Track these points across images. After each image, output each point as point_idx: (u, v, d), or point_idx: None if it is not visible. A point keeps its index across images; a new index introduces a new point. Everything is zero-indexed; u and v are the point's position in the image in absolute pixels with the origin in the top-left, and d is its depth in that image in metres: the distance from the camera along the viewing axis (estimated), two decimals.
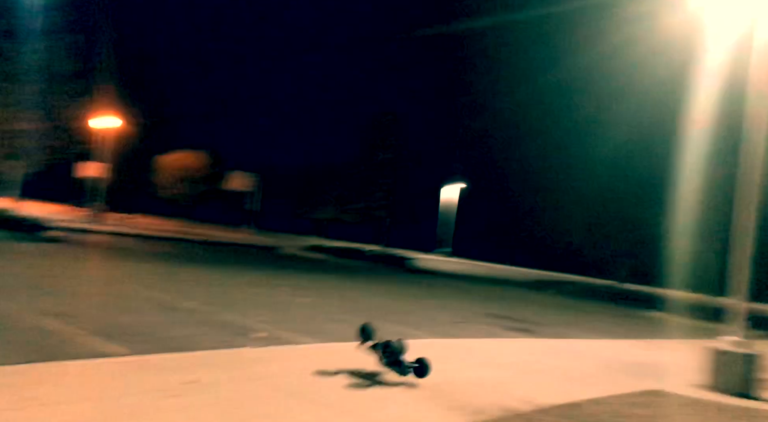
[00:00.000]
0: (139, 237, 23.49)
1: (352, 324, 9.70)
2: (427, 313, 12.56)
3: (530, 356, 8.52)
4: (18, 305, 7.48)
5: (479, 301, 17.31)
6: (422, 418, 4.80)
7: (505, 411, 5.29)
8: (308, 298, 12.08)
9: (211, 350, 6.39)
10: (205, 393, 4.68)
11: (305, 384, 5.35)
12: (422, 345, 8.38)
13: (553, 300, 22.33)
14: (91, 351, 5.77)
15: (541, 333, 11.95)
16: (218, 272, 15.57)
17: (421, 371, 5.84)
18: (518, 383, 6.57)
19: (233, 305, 9.96)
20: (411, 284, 19.88)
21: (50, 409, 3.89)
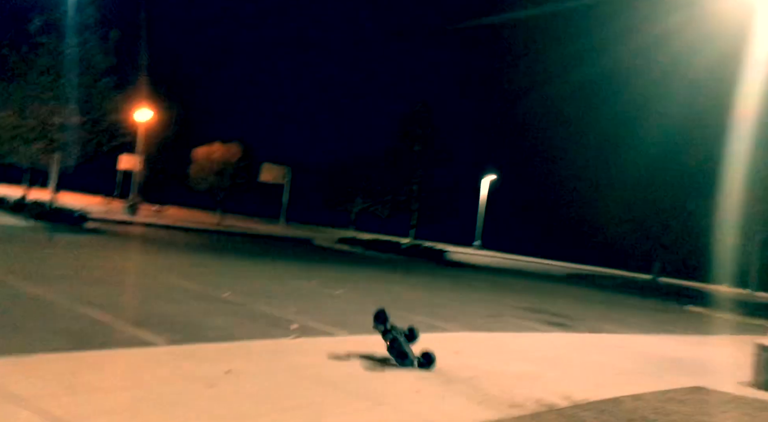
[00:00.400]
0: (174, 229, 23.90)
1: None
2: (460, 306, 12.49)
3: (566, 350, 8.39)
4: (61, 295, 7.66)
5: (513, 294, 17.15)
6: (458, 412, 4.76)
7: (542, 406, 5.21)
8: (340, 290, 12.12)
9: (247, 340, 6.45)
10: (244, 383, 4.72)
11: (340, 375, 5.35)
12: (455, 338, 8.33)
13: (589, 294, 22.00)
14: (131, 340, 5.88)
15: (576, 327, 11.77)
16: (251, 263, 15.74)
17: (427, 364, 6.06)
18: (554, 377, 6.47)
19: (267, 296, 10.05)
20: (443, 277, 19.80)
21: (96, 396, 3.97)
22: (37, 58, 17.87)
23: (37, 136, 18.40)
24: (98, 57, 18.20)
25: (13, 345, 5.16)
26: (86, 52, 18.03)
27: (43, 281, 8.45)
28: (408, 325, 6.46)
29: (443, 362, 6.43)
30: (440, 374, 5.89)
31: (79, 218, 17.52)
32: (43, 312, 6.65)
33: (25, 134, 18.48)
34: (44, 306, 6.95)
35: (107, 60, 18.37)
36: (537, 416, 4.86)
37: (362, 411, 4.44)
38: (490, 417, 4.68)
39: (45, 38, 17.80)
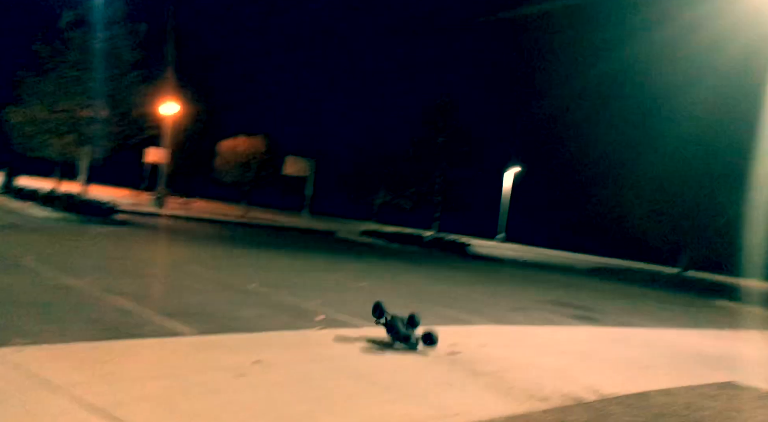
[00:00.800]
0: (200, 221, 24.20)
1: (409, 308, 9.72)
2: (485, 299, 12.44)
3: (593, 344, 8.31)
4: (92, 285, 7.82)
5: (538, 287, 17.02)
6: (485, 404, 4.75)
7: (570, 400, 5.17)
8: (365, 282, 12.16)
9: (274, 331, 6.51)
10: (272, 373, 4.77)
11: (366, 366, 5.38)
12: (480, 331, 8.31)
13: (615, 287, 21.74)
14: (161, 330, 5.97)
15: (603, 320, 11.65)
16: (277, 255, 15.87)
17: (431, 342, 6.36)
18: (582, 371, 6.41)
19: (293, 287, 10.13)
20: (466, 270, 19.74)
21: (129, 384, 4.05)
22: (68, 52, 18.19)
23: (67, 129, 18.75)
24: (126, 51, 18.47)
25: (47, 333, 5.28)
26: (114, 47, 18.32)
27: (74, 271, 8.63)
28: (409, 312, 6.68)
29: (469, 354, 6.43)
30: (466, 366, 5.88)
31: (109, 210, 17.83)
32: (75, 302, 6.79)
33: (55, 128, 18.85)
34: (76, 296, 7.10)
35: (135, 54, 18.63)
36: (565, 409, 4.83)
37: (390, 402, 4.45)
38: (517, 410, 4.66)
39: (74, 33, 18.10)
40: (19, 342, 4.77)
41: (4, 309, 5.99)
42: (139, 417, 3.52)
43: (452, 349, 6.52)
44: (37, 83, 18.60)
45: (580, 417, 4.67)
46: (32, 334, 5.20)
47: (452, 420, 4.23)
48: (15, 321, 5.59)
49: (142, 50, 18.56)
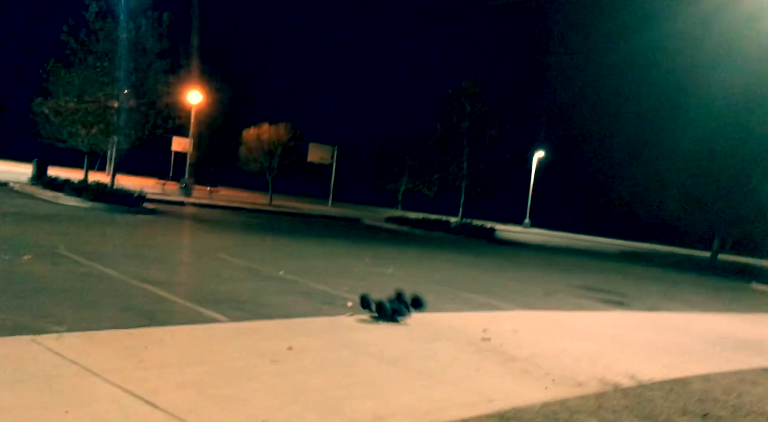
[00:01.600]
0: (226, 209, 24.41)
1: (437, 294, 9.69)
2: (514, 284, 12.34)
3: (626, 329, 8.18)
4: (125, 273, 7.92)
5: (567, 273, 16.83)
6: (519, 390, 4.69)
7: (607, 385, 5.08)
8: (391, 268, 12.13)
9: (305, 317, 6.52)
10: (306, 359, 4.78)
11: (399, 352, 5.35)
12: (512, 316, 8.23)
13: (645, 271, 21.41)
14: (194, 317, 6.02)
15: (634, 305, 11.47)
16: (303, 242, 15.93)
17: (418, 306, 6.94)
18: (617, 356, 6.31)
19: (320, 274, 10.14)
20: (493, 256, 19.60)
21: (166, 370, 4.08)
22: (95, 43, 18.36)
23: (95, 120, 18.98)
24: (152, 41, 18.56)
25: (84, 321, 5.36)
26: (140, 36, 18.42)
27: (106, 259, 8.75)
28: (412, 294, 7.08)
29: (501, 340, 6.37)
30: (499, 352, 5.83)
31: (137, 199, 18.05)
32: (110, 290, 6.89)
33: (84, 118, 19.09)
34: (110, 284, 7.19)
35: (161, 43, 18.72)
36: (602, 396, 4.75)
37: (425, 388, 4.42)
38: (553, 396, 4.60)
39: (101, 24, 18.25)
40: (57, 330, 4.84)
41: (42, 298, 6.09)
42: (178, 404, 3.54)
43: (484, 335, 6.47)
44: (64, 75, 18.84)
45: (618, 403, 4.59)
46: (69, 322, 5.28)
47: (488, 406, 4.18)
48: (52, 309, 5.68)
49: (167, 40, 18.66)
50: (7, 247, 8.75)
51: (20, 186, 20.15)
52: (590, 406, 4.43)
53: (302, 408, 3.75)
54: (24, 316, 5.30)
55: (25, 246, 9.01)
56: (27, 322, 5.12)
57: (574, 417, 4.12)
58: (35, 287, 6.50)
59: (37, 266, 7.62)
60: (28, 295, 6.13)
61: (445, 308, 8.33)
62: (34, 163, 20.89)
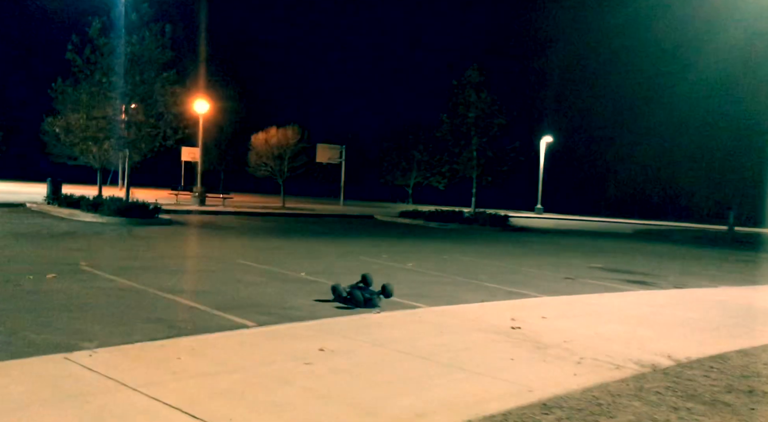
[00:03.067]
0: (240, 215, 24.47)
1: (460, 285, 9.64)
2: (534, 271, 12.25)
3: (654, 308, 8.08)
4: (149, 284, 7.94)
5: (584, 255, 16.71)
6: (557, 377, 4.63)
7: (644, 367, 5.01)
8: (411, 263, 12.09)
9: (331, 317, 6.49)
10: (338, 360, 4.74)
11: (430, 346, 5.31)
12: (538, 303, 8.16)
13: (663, 249, 21.20)
14: (222, 324, 6.02)
15: (658, 284, 11.35)
16: (319, 242, 15.92)
17: (387, 295, 7.67)
18: (649, 336, 6.23)
19: (340, 274, 10.11)
20: (510, 243, 19.50)
21: (202, 380, 4.06)
22: (100, 59, 18.42)
23: (105, 135, 19.07)
24: (156, 52, 18.59)
25: (114, 336, 5.36)
26: (144, 49, 18.46)
27: (129, 272, 8.78)
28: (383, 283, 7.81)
29: (530, 328, 6.31)
30: (531, 340, 5.76)
31: (153, 210, 18.13)
32: (135, 302, 6.90)
33: (93, 135, 19.18)
34: (135, 297, 7.21)
35: (165, 54, 18.74)
36: (641, 377, 4.68)
37: (461, 382, 4.38)
38: (592, 381, 4.53)
39: (105, 40, 18.31)
40: (88, 346, 4.85)
41: (69, 315, 6.11)
42: (218, 413, 3.52)
43: (513, 324, 6.41)
44: (72, 92, 18.94)
45: (659, 384, 4.51)
46: (100, 337, 5.29)
47: (529, 395, 4.12)
48: (81, 326, 5.69)
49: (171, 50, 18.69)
50: (30, 266, 8.80)
51: (37, 206, 20.31)
52: (631, 389, 4.36)
53: (341, 410, 3.71)
54: (54, 334, 5.32)
55: (47, 264, 9.06)
56: (57, 340, 5.13)
57: (617, 401, 4.05)
58: (62, 305, 6.53)
59: (62, 284, 7.66)
60: (55, 313, 6.15)
61: (469, 299, 8.28)
62: (48, 182, 21.04)
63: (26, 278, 7.81)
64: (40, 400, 3.58)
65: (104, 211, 17.48)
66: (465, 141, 28.53)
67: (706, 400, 4.21)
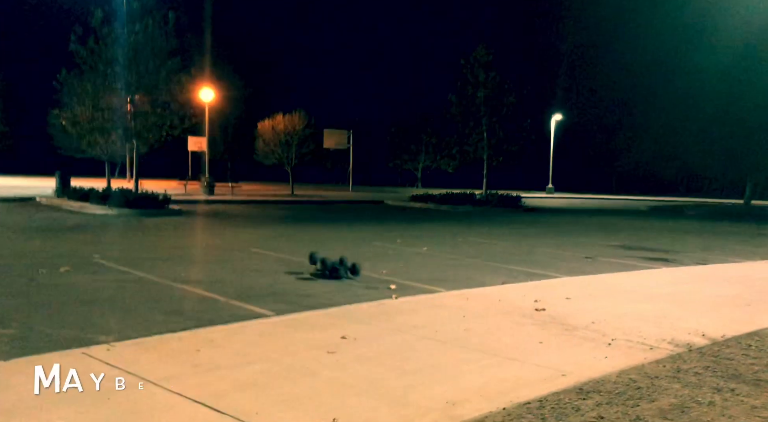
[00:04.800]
0: (249, 203, 24.37)
1: (477, 268, 9.47)
2: (552, 251, 12.05)
3: (680, 286, 7.88)
4: (162, 276, 7.82)
5: (602, 234, 16.47)
6: (590, 360, 4.46)
7: (679, 347, 4.83)
8: (425, 247, 11.92)
9: (350, 304, 6.34)
10: (361, 348, 4.60)
11: (455, 332, 5.15)
12: (560, 283, 7.98)
13: (679, 225, 20.91)
14: (239, 314, 5.89)
15: (680, 260, 11.13)
16: (331, 229, 15.79)
17: (355, 273, 8.16)
18: (679, 315, 6.04)
19: (356, 259, 9.93)
20: (524, 224, 19.28)
21: (223, 372, 3.93)
22: (104, 49, 18.24)
23: (111, 126, 18.95)
24: (160, 40, 18.37)
25: (131, 329, 5.25)
26: (148, 37, 18.24)
27: (142, 264, 8.67)
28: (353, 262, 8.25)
29: (556, 309, 6.13)
30: (558, 322, 5.59)
31: (163, 201, 18.05)
32: (150, 294, 6.79)
33: (100, 126, 19.07)
34: (150, 288, 7.10)
35: (170, 42, 18.53)
36: (677, 358, 4.50)
37: (491, 367, 4.22)
38: (626, 363, 4.36)
39: (108, 29, 18.10)
40: (106, 340, 4.73)
41: (85, 308, 6.00)
42: (243, 407, 3.38)
43: (537, 306, 6.24)
44: (77, 84, 18.79)
45: (697, 364, 4.33)
46: (117, 330, 5.17)
47: (563, 380, 3.96)
48: (97, 319, 5.58)
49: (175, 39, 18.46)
50: (43, 260, 8.72)
51: (47, 199, 20.28)
52: (668, 370, 4.19)
53: (369, 400, 3.57)
54: (71, 328, 5.21)
55: (60, 258, 8.97)
56: (74, 335, 5.02)
57: (656, 384, 3.88)
58: (77, 299, 6.42)
59: (76, 277, 7.56)
60: (71, 306, 6.04)
61: (489, 281, 8.12)
62: (57, 175, 20.99)
63: (40, 273, 7.72)
64: (60, 397, 3.46)
65: (114, 203, 17.41)
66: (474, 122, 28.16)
67: (748, 380, 4.03)
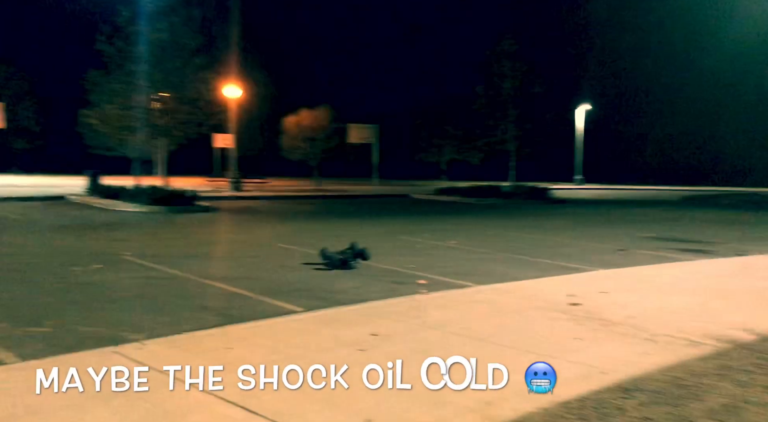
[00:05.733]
0: (276, 199, 24.47)
1: (507, 262, 9.31)
2: (583, 243, 11.81)
3: (720, 278, 7.62)
4: (192, 272, 7.84)
5: (633, 225, 16.11)
6: (631, 357, 4.31)
7: (724, 342, 4.64)
8: (453, 241, 11.78)
9: (380, 300, 6.26)
10: (393, 345, 4.51)
11: (488, 328, 5.03)
12: (594, 277, 7.78)
13: (712, 215, 20.37)
14: (268, 310, 5.85)
15: (717, 251, 10.80)
16: (358, 223, 15.73)
17: (364, 257, 8.39)
18: (722, 308, 5.82)
19: (383, 254, 9.88)
20: (552, 216, 18.99)
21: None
22: (131, 48, 18.45)
23: (140, 125, 19.18)
24: (186, 38, 18.52)
25: (162, 326, 5.24)
26: (174, 35, 18.39)
27: (172, 260, 8.71)
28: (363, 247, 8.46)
29: (591, 304, 5.96)
30: (594, 317, 5.43)
31: (191, 198, 18.21)
32: (181, 291, 6.80)
33: (129, 125, 19.32)
34: (179, 285, 7.11)
35: (195, 39, 18.66)
36: (724, 354, 4.32)
37: (527, 366, 4.08)
38: (669, 360, 4.20)
39: (134, 28, 18.30)
40: (137, 338, 4.72)
41: (116, 306, 6.03)
42: (276, 407, 3.32)
43: (572, 300, 6.07)
44: (105, 83, 19.05)
45: (745, 361, 4.15)
46: (147, 328, 5.17)
47: (603, 378, 3.82)
48: (129, 316, 5.60)
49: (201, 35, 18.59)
50: (75, 258, 8.82)
51: (78, 198, 20.62)
52: (715, 367, 4.02)
53: (406, 400, 3.48)
54: (102, 326, 5.23)
55: (92, 255, 9.06)
56: (106, 333, 5.03)
57: (703, 383, 3.72)
58: (108, 296, 6.46)
59: (107, 275, 7.62)
60: (103, 304, 6.08)
61: (520, 275, 7.95)
62: (88, 174, 21.32)
63: (72, 271, 7.80)
64: (92, 397, 3.44)
65: (143, 200, 17.62)
66: (501, 113, 27.86)
67: None
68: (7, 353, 4.48)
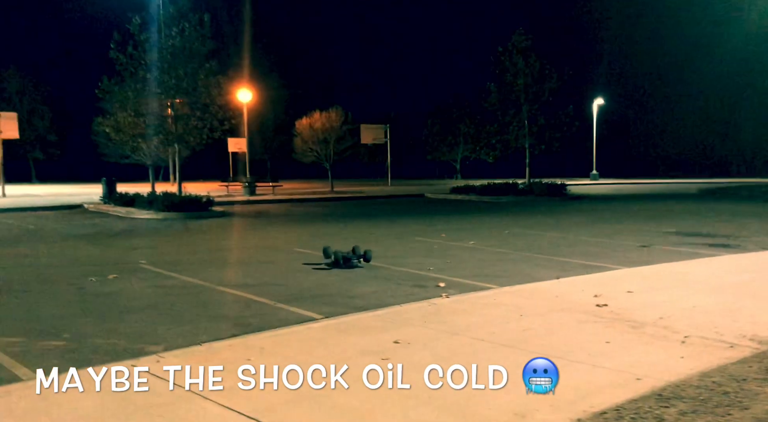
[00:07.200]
0: (290, 202, 24.42)
1: (527, 261, 9.12)
2: (604, 240, 11.58)
3: (749, 274, 7.39)
4: (208, 280, 7.76)
5: (654, 219, 15.82)
6: (665, 361, 4.13)
7: (764, 343, 4.44)
8: (471, 241, 11.61)
9: (400, 305, 6.12)
10: (417, 352, 4.37)
11: (514, 333, 4.88)
12: (619, 276, 7.58)
13: (734, 208, 19.95)
14: (287, 318, 5.74)
15: (743, 246, 10.52)
16: (373, 224, 15.59)
17: (367, 260, 8.61)
18: (757, 307, 5.61)
19: (399, 256, 9.75)
20: (571, 213, 18.71)
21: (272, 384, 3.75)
22: (142, 55, 18.47)
23: (153, 131, 19.19)
24: (197, 43, 18.50)
25: (179, 337, 5.15)
26: (185, 41, 18.38)
27: (189, 268, 8.64)
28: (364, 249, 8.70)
29: (618, 304, 5.78)
30: (622, 318, 5.25)
31: (206, 203, 18.19)
32: (198, 300, 6.71)
33: (143, 131, 19.34)
34: (196, 294, 7.03)
35: (207, 45, 18.65)
36: (764, 357, 4.12)
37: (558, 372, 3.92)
38: (706, 364, 4.01)
39: (146, 35, 18.32)
40: (154, 351, 4.63)
41: (134, 316, 5.95)
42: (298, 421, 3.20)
43: (598, 301, 5.89)
44: (118, 91, 19.09)
45: None
46: (165, 339, 5.08)
47: (638, 384, 3.65)
48: (146, 327, 5.51)
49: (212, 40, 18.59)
50: (92, 267, 8.78)
51: (94, 206, 20.71)
52: (756, 371, 3.83)
53: (430, 412, 3.34)
54: (120, 338, 5.14)
55: (108, 265, 9.02)
56: (123, 345, 4.95)
57: (746, 388, 3.53)
58: (125, 307, 6.38)
59: (124, 284, 7.56)
60: (120, 315, 6.00)
61: (543, 276, 7.77)
62: (103, 182, 21.42)
63: (88, 281, 7.75)
64: (110, 413, 3.35)
65: (159, 207, 17.63)
66: (515, 110, 27.52)
67: None
68: (24, 369, 4.41)
